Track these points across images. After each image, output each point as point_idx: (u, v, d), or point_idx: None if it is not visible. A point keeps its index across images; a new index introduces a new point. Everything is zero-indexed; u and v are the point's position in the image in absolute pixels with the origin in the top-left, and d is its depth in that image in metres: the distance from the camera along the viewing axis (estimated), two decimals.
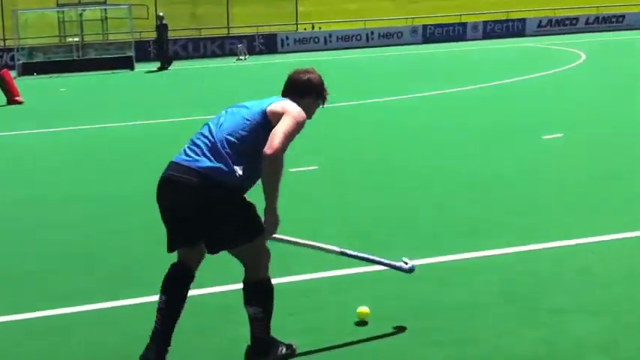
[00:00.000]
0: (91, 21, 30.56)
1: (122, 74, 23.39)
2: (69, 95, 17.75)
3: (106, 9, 31.12)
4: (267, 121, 3.37)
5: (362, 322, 3.72)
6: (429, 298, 4.04)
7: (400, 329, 3.64)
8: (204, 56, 30.77)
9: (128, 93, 17.86)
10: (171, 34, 32.09)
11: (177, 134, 10.42)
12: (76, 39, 28.85)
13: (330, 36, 33.12)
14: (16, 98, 15.82)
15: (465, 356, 3.33)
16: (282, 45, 32.24)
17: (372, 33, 33.60)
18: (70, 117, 12.98)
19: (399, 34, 33.66)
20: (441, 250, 4.81)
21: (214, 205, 3.27)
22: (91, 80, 21.56)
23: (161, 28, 25.38)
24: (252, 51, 30.51)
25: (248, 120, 3.40)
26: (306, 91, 3.60)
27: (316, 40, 32.87)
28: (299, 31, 34.98)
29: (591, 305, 3.82)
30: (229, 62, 27.25)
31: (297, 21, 35.84)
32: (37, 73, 24.32)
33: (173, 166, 3.38)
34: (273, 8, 41.28)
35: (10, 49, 27.93)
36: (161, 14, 26.37)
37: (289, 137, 3.33)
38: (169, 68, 24.54)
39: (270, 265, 3.42)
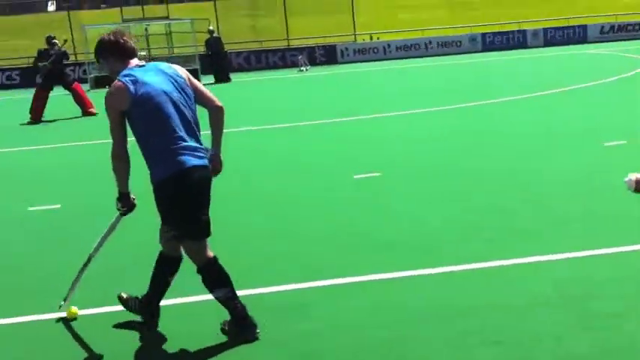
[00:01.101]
0: (156, 35, 31.63)
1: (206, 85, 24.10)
2: None
3: (169, 23, 32.12)
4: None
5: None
6: (487, 299, 4.19)
7: (460, 328, 3.79)
8: (266, 68, 31.43)
9: None
10: (233, 47, 32.93)
11: (246, 143, 10.90)
12: (143, 53, 29.86)
13: (389, 46, 33.39)
14: (90, 110, 16.61)
15: (525, 356, 3.46)
16: (342, 55, 32.65)
17: (431, 42, 33.70)
18: None
19: (458, 43, 33.66)
20: (499, 253, 4.97)
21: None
22: None
23: (212, 41, 25.59)
24: (312, 62, 31.01)
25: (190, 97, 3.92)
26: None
27: (375, 50, 33.18)
28: (358, 41, 35.32)
29: None
30: (291, 73, 27.75)
31: (355, 32, 36.20)
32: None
33: (194, 158, 3.78)
34: (331, 19, 41.79)
35: (81, 64, 29.15)
36: (211, 28, 26.54)
37: None
38: (230, 81, 24.97)
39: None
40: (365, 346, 3.70)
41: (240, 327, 3.90)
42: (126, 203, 3.99)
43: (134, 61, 3.89)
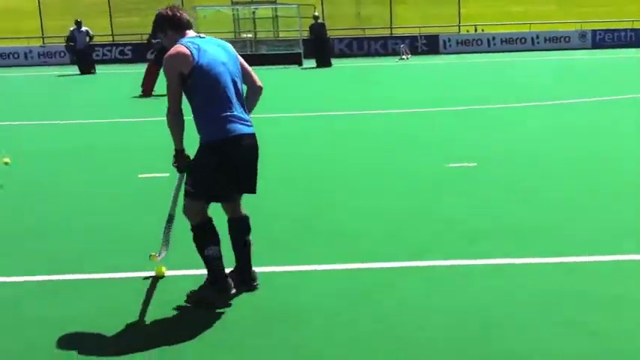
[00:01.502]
0: (262, 19, 32.34)
1: (291, 69, 24.61)
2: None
3: (276, 7, 32.75)
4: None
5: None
6: (584, 291, 4.25)
7: (555, 320, 3.85)
8: (367, 55, 31.60)
9: (294, 88, 18.87)
10: (336, 33, 33.27)
11: (328, 128, 11.17)
12: (250, 35, 30.72)
13: (494, 38, 32.81)
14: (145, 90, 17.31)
15: (621, 349, 3.52)
16: (445, 46, 32.37)
17: (538, 37, 32.87)
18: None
19: (567, 39, 32.69)
20: (598, 249, 5.01)
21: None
22: (262, 74, 22.92)
23: (316, 27, 25.92)
24: (414, 51, 30.94)
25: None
26: None
27: (479, 42, 32.70)
28: (461, 32, 34.89)
29: None
30: (391, 61, 27.81)
31: (459, 22, 35.76)
32: None
33: (245, 126, 4.12)
34: (436, 9, 41.41)
35: None
36: (316, 14, 26.81)
37: None
38: (331, 66, 25.31)
39: None
40: (460, 327, 3.82)
41: (220, 286, 4.16)
42: (180, 160, 4.17)
43: (191, 32, 4.16)
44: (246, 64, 4.32)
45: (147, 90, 17.09)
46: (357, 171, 7.90)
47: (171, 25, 4.15)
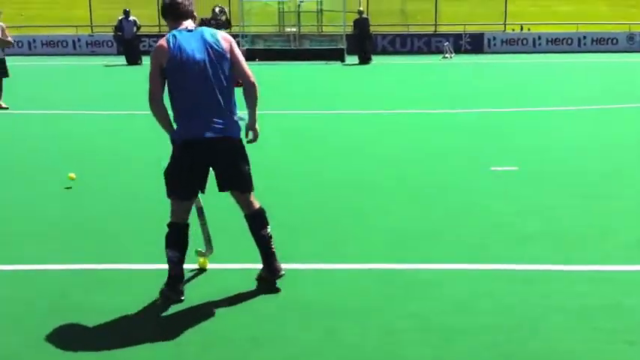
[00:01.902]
0: (307, 12, 32.41)
1: (333, 65, 24.68)
2: (284, 81, 19.33)
3: (321, 1, 32.80)
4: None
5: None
6: (619, 300, 4.29)
7: (593, 328, 3.88)
8: (410, 52, 31.48)
9: (335, 83, 18.94)
10: (380, 29, 33.21)
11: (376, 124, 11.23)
12: (294, 29, 30.85)
13: (540, 38, 32.36)
14: (239, 82, 17.48)
15: None
16: (489, 45, 32.07)
17: (585, 37, 32.30)
18: (291, 102, 14.29)
19: (614, 40, 32.08)
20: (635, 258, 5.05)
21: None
22: (305, 69, 23.16)
23: (360, 22, 25.69)
24: (458, 49, 30.72)
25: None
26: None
27: (524, 41, 32.30)
28: (507, 31, 34.51)
29: None
30: (435, 60, 27.68)
31: (505, 21, 35.35)
32: (259, 59, 26.45)
33: (207, 130, 4.11)
34: (482, 7, 40.93)
35: (235, 35, 30.50)
36: (360, 9, 26.46)
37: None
38: (371, 63, 25.17)
39: None
40: (501, 330, 3.89)
41: (167, 288, 4.22)
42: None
43: (186, 23, 4.17)
44: (239, 58, 4.22)
45: None
46: (402, 172, 7.97)
47: (167, 13, 4.23)
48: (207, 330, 3.91)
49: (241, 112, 4.32)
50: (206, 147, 4.11)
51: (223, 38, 4.18)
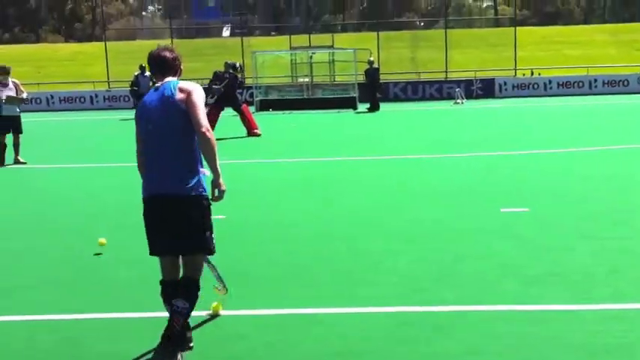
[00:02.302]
0: (319, 63, 32.95)
1: (345, 113, 24.98)
2: (300, 130, 19.61)
3: (333, 52, 33.37)
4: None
5: None
6: (630, 338, 4.30)
7: None
8: (422, 99, 31.79)
9: (351, 130, 19.15)
10: (391, 77, 33.64)
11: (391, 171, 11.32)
12: (306, 79, 31.35)
13: (550, 82, 32.62)
14: (255, 131, 17.81)
15: None
16: (500, 90, 32.33)
17: (596, 80, 32.52)
18: (302, 149, 14.48)
19: (625, 82, 32.25)
20: None
21: None
22: (318, 118, 23.46)
23: (370, 71, 25.96)
24: (469, 95, 31.00)
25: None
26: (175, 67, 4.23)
27: (535, 85, 32.56)
28: (517, 76, 34.82)
29: None
30: (446, 105, 27.92)
31: (515, 66, 35.71)
32: (273, 109, 26.85)
33: (155, 187, 4.10)
34: (492, 53, 41.48)
35: (249, 87, 31.03)
36: (371, 59, 26.73)
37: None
38: (379, 110, 25.24)
39: None
40: None
41: (171, 343, 4.00)
42: None
43: (167, 79, 4.13)
44: (193, 109, 3.96)
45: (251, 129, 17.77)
46: (413, 214, 8.03)
47: (150, 66, 4.25)
48: None
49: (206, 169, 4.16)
50: (158, 205, 4.03)
51: (180, 89, 4.02)
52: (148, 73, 26.45)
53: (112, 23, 69.24)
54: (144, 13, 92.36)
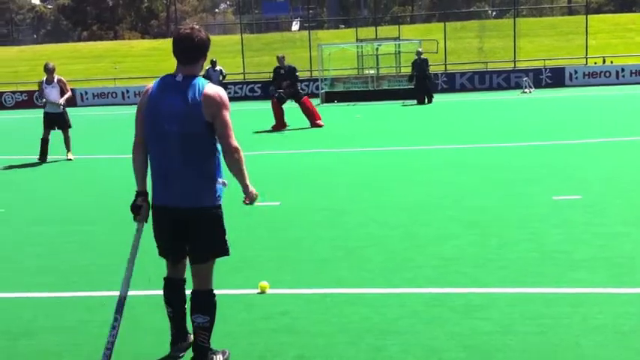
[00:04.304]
0: (385, 55, 33.02)
1: (409, 105, 24.98)
2: (363, 121, 19.80)
3: (399, 44, 33.37)
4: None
5: None
6: None
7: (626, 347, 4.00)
8: (489, 89, 31.43)
9: (409, 122, 19.20)
10: (458, 67, 33.42)
11: (457, 160, 11.40)
12: (372, 71, 31.49)
13: (623, 70, 31.64)
14: (317, 122, 18.09)
15: None
16: (571, 78, 31.62)
17: None
18: (363, 140, 14.70)
19: None
20: None
21: None
22: (382, 108, 23.61)
23: (420, 63, 25.14)
24: (538, 84, 30.46)
25: None
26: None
27: (607, 74, 31.66)
28: (588, 64, 33.95)
29: None
30: (512, 95, 27.53)
31: (586, 54, 34.82)
32: (338, 101, 27.14)
33: (162, 196, 3.80)
34: (562, 41, 40.51)
35: (315, 79, 31.39)
36: (420, 49, 25.88)
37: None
38: (432, 101, 24.77)
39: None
40: (540, 346, 4.09)
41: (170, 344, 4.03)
42: (134, 202, 3.82)
43: (188, 69, 3.71)
44: (220, 119, 3.62)
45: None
46: (465, 203, 8.17)
47: (175, 51, 3.68)
48: (254, 346, 4.26)
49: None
50: (172, 216, 3.74)
51: (206, 95, 3.61)
52: (219, 67, 27.17)
53: (186, 20, 70.86)
54: (216, 10, 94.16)
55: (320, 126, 17.92)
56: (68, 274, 5.94)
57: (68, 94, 13.75)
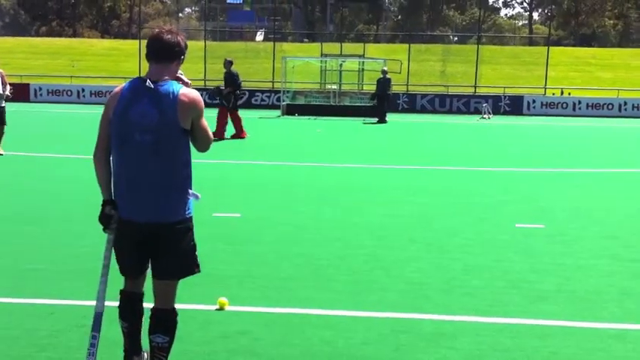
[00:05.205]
0: (348, 71, 33.10)
1: (369, 123, 25.00)
2: (324, 135, 19.67)
3: (363, 61, 33.52)
4: None
5: None
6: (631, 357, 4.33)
7: None
8: (449, 112, 31.75)
9: (369, 140, 19.20)
10: (419, 89, 33.69)
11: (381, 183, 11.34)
12: (334, 87, 31.51)
13: (580, 102, 32.37)
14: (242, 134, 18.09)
15: None
16: (529, 107, 32.17)
17: (626, 103, 32.28)
18: (323, 155, 14.55)
19: None
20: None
21: None
22: (343, 125, 23.54)
23: (384, 82, 25.14)
24: (497, 111, 30.90)
25: None
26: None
27: (564, 105, 32.34)
28: (547, 95, 34.63)
29: None
30: (472, 120, 27.84)
31: (545, 85, 35.53)
32: (299, 114, 27.02)
33: (126, 210, 3.51)
34: (523, 71, 41.32)
35: (277, 91, 31.26)
36: (385, 69, 25.97)
37: None
38: (386, 121, 24.69)
39: None
40: None
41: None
42: (102, 211, 3.51)
43: (161, 71, 3.50)
44: (198, 125, 3.48)
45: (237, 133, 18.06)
46: (428, 225, 8.07)
47: (148, 52, 3.55)
48: None
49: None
50: (138, 231, 3.47)
51: (182, 101, 3.40)
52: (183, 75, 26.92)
53: (149, 22, 70.08)
54: (180, 14, 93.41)
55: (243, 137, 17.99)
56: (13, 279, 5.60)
57: (8, 88, 13.49)
